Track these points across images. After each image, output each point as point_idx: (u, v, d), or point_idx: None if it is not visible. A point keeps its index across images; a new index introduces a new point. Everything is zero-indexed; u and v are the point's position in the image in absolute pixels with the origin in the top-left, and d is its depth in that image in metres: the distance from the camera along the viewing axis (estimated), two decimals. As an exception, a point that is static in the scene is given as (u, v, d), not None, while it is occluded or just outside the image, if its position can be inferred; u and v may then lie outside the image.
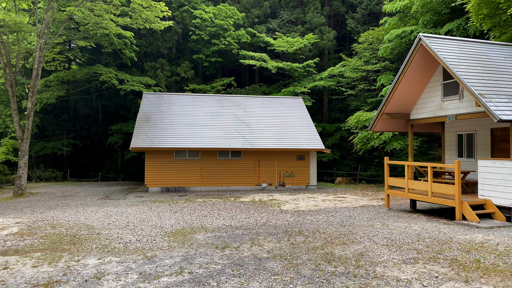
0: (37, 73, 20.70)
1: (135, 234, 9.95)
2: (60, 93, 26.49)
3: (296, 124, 23.71)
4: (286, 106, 25.50)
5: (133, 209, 14.51)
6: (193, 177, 21.55)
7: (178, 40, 33.60)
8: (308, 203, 16.29)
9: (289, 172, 22.32)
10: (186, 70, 30.80)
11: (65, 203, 17.00)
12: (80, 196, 19.53)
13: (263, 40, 32.28)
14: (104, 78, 25.96)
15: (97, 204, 16.30)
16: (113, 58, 32.02)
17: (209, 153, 21.71)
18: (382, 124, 14.24)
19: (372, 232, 9.95)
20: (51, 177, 30.14)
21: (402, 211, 13.47)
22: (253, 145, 21.46)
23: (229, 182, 21.85)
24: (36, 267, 7.19)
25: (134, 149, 20.74)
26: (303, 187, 22.44)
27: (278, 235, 9.62)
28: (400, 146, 21.22)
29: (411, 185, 12.63)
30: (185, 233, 10.08)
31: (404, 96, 13.48)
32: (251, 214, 13.08)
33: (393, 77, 25.54)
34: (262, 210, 14.19)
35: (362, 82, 28.54)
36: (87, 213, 13.75)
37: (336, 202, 16.41)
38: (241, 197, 18.63)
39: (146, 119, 22.90)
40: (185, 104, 24.51)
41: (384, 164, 13.57)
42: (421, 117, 13.63)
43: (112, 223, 11.63)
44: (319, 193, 20.00)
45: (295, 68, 30.82)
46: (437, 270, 6.72)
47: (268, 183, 22.19)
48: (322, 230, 10.27)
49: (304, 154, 22.52)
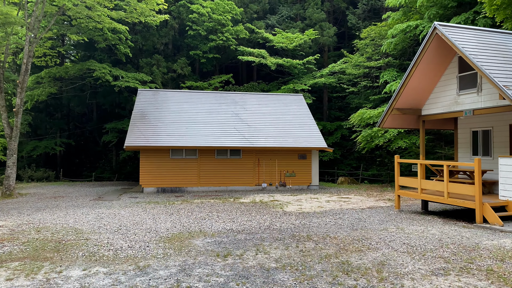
0: (26, 67, 19.71)
1: (127, 240, 9.04)
2: (51, 90, 25.40)
3: (297, 122, 22.83)
4: (287, 104, 24.62)
5: (127, 211, 13.59)
6: (190, 177, 20.63)
7: (175, 36, 32.60)
8: (312, 204, 15.42)
9: (290, 172, 21.44)
10: (183, 67, 29.80)
11: (55, 204, 16.06)
12: (71, 197, 18.58)
13: (262, 36, 31.36)
14: (97, 74, 24.94)
15: (88, 206, 15.37)
16: (108, 54, 31.01)
17: (207, 152, 20.80)
18: (392, 120, 13.38)
19: (388, 237, 9.07)
20: (43, 177, 29.10)
21: (414, 213, 12.61)
22: (253, 144, 20.56)
23: (228, 182, 20.95)
24: (11, 280, 6.25)
25: (129, 147, 19.81)
26: (305, 187, 21.56)
27: (285, 241, 8.72)
28: (405, 144, 20.37)
29: (424, 185, 11.76)
30: (182, 238, 9.18)
31: (416, 90, 12.62)
32: (253, 217, 12.19)
33: (397, 74, 24.70)
34: (264, 212, 13.31)
35: (364, 79, 27.68)
36: (77, 215, 12.82)
37: (341, 203, 15.55)
38: (241, 198, 17.74)
39: (141, 116, 21.96)
40: (182, 101, 23.58)
41: (395, 163, 12.72)
42: (433, 113, 12.77)
43: (103, 226, 10.71)
44: (322, 194, 19.14)
45: (295, 65, 29.92)
46: (475, 284, 5.84)
47: (269, 183, 21.29)
48: (332, 234, 9.37)
49: (305, 153, 21.63)
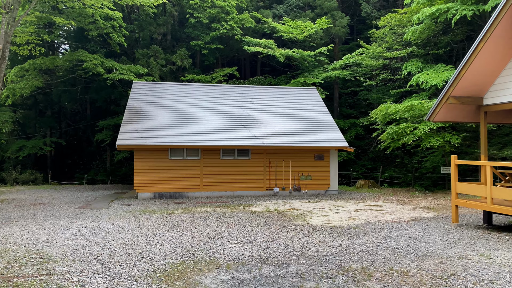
0: (2, 54, 17.11)
1: (107, 275, 6.41)
2: (36, 83, 22.71)
3: (313, 118, 20.21)
4: (300, 98, 22.01)
5: (115, 224, 10.97)
6: (192, 181, 17.99)
7: (174, 26, 29.92)
8: (339, 214, 12.80)
9: (306, 175, 18.82)
10: (183, 59, 27.13)
11: (32, 214, 13.45)
12: (54, 204, 15.96)
13: (269, 25, 28.70)
14: (88, 65, 22.25)
15: (71, 216, 12.76)
16: (101, 45, 28.38)
17: (211, 152, 18.17)
18: (446, 111, 10.76)
19: (478, 270, 6.43)
20: (29, 180, 26.45)
21: (479, 228, 9.99)
22: (264, 142, 17.94)
23: (235, 187, 18.32)
24: None
25: (121, 147, 17.17)
26: (322, 192, 18.94)
27: (336, 280, 6.06)
28: (438, 143, 17.74)
29: (497, 194, 9.14)
30: (186, 271, 6.56)
31: (479, 74, 10.02)
32: (274, 234, 9.57)
33: (422, 64, 22.10)
34: (286, 225, 10.69)
35: (384, 71, 25.07)
36: (53, 230, 10.20)
37: (375, 213, 12.94)
38: (252, 205, 15.14)
39: (136, 112, 19.32)
40: (182, 94, 20.95)
41: (451, 165, 10.11)
42: (500, 102, 10.16)
43: (80, 249, 8.09)
44: (345, 200, 16.52)
45: (305, 57, 27.28)
46: None
47: (281, 188, 18.67)
48: (397, 267, 6.71)
49: (323, 152, 19.01)
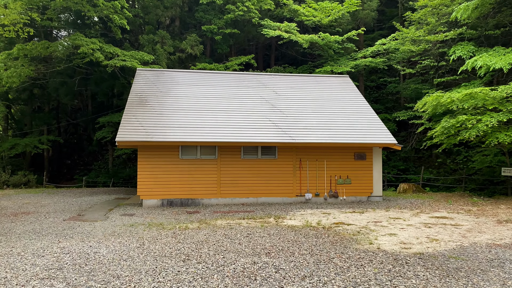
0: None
1: None
2: (26, 71, 19.63)
3: (350, 109, 16.99)
4: (331, 87, 18.81)
5: (110, 248, 7.88)
6: (207, 185, 14.83)
7: (183, 9, 26.74)
8: (409, 232, 9.58)
9: (344, 178, 15.59)
10: (193, 45, 23.94)
11: (9, 228, 10.49)
12: (40, 213, 12.95)
13: (290, 8, 25.49)
14: (84, 50, 19.12)
15: (55, 233, 9.74)
16: (101, 33, 25.33)
17: (230, 150, 15.01)
18: None
19: None
20: (21, 183, 23.43)
21: None
22: (294, 139, 14.75)
23: (259, 192, 15.14)
24: None
25: (122, 143, 14.04)
26: (364, 199, 15.70)
27: None
28: (510, 139, 14.42)
29: None
30: None
31: None
32: (344, 270, 6.37)
33: (474, 48, 18.77)
34: (350, 253, 7.51)
35: (425, 57, 21.75)
36: (23, 257, 7.17)
37: (453, 230, 9.72)
38: (284, 216, 11.98)
39: (141, 102, 16.22)
40: (194, 83, 17.83)
41: None
42: None
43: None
44: (398, 210, 13.29)
45: (331, 44, 24.02)
46: None
47: (314, 193, 15.45)
48: None
49: (365, 151, 15.77)
